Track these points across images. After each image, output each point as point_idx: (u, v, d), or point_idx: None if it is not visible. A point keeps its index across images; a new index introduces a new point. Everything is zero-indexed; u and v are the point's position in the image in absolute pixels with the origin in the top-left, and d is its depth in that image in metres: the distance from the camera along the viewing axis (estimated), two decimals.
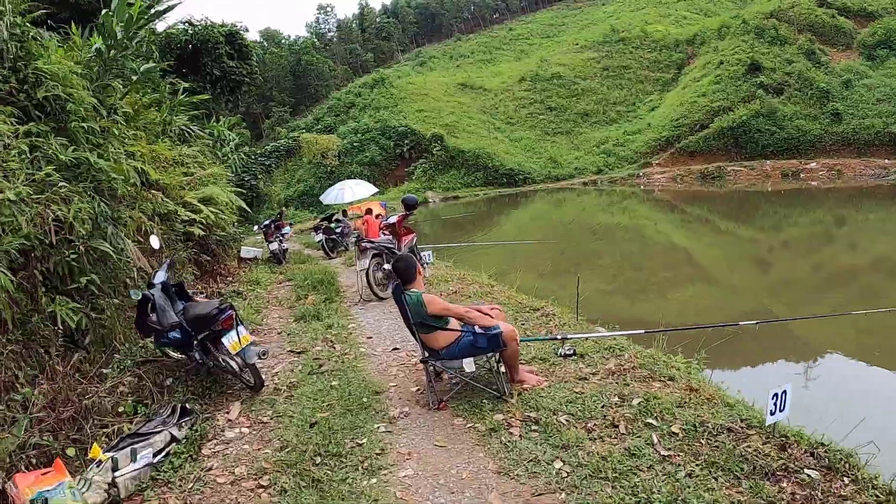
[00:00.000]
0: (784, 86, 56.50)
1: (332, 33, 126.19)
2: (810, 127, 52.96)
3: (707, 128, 57.79)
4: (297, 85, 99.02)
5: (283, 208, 45.95)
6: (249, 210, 17.22)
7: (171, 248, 12.13)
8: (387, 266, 11.76)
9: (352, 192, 22.21)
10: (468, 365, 6.25)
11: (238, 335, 6.79)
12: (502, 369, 6.52)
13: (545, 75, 77.54)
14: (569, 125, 71.03)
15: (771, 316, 13.86)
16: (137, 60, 13.78)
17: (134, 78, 12.00)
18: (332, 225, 21.71)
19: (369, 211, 16.91)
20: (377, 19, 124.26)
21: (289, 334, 9.58)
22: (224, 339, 6.77)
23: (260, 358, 7.05)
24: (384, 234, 13.31)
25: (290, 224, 38.95)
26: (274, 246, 19.01)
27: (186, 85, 17.66)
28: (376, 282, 11.90)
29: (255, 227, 21.28)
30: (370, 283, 11.70)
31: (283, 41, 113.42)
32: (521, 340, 6.64)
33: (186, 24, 25.83)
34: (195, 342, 7.06)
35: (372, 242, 12.16)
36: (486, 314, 6.42)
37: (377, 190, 25.06)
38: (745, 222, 33.54)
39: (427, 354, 6.39)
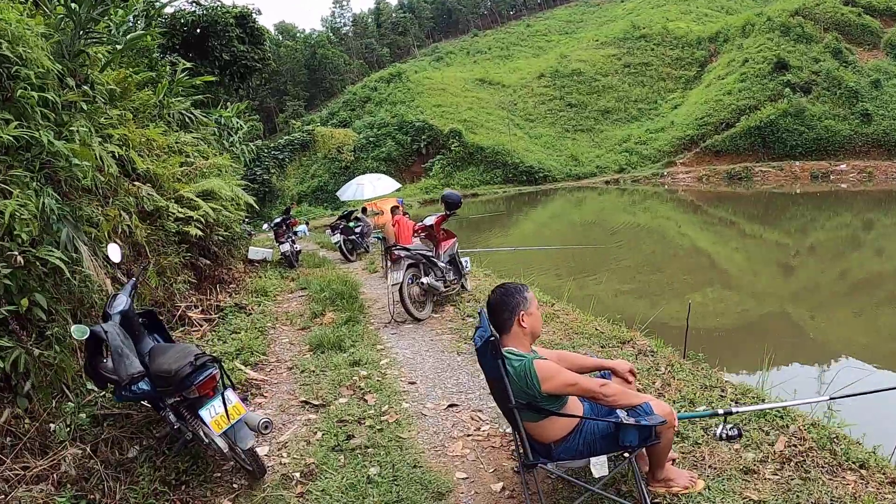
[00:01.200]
0: (812, 85, 54.53)
1: (347, 27, 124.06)
2: (839, 127, 50.85)
3: (733, 127, 55.84)
4: (312, 79, 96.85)
5: (292, 203, 43.68)
6: (257, 206, 14.89)
7: (159, 251, 9.87)
8: (426, 279, 9.54)
9: (372, 187, 19.88)
10: (600, 468, 3.77)
11: (224, 405, 4.39)
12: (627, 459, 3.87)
13: (565, 71, 75.66)
14: (589, 122, 69.31)
15: (789, 321, 13.73)
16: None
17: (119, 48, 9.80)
18: (351, 224, 19.28)
19: (395, 209, 14.66)
20: (393, 14, 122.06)
21: (302, 371, 7.21)
22: (203, 412, 4.36)
23: (261, 433, 4.53)
24: (417, 237, 11.06)
25: (307, 223, 36.72)
26: (285, 247, 16.68)
27: (189, 65, 15.42)
28: (412, 298, 9.62)
29: (265, 226, 18.94)
30: (405, 300, 9.35)
31: (297, 34, 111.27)
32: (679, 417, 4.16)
33: (193, 4, 23.52)
34: (164, 405, 4.76)
35: (407, 249, 9.84)
36: (623, 376, 4.11)
37: (400, 185, 22.66)
38: (771, 225, 32.14)
39: (532, 453, 3.76)
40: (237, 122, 18.11)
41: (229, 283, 12.88)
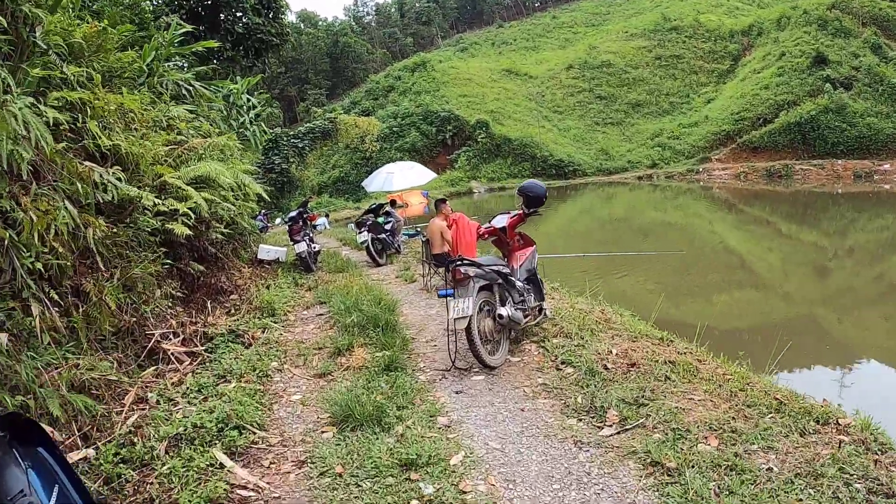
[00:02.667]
0: (852, 80, 51.59)
1: (370, 17, 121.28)
2: (883, 126, 47.89)
3: (771, 122, 52.77)
4: (334, 67, 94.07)
5: (310, 196, 40.84)
6: (267, 197, 12.10)
7: (127, 258, 7.12)
8: (505, 311, 6.54)
9: (402, 177, 17.01)
10: None
11: None
12: None
13: (594, 63, 72.52)
14: (619, 115, 66.35)
15: (814, 323, 13.57)
16: None
17: None
18: (381, 219, 16.37)
19: (442, 201, 11.77)
20: (417, 3, 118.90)
21: (321, 473, 4.35)
22: None
23: None
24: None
25: (327, 215, 33.88)
26: (301, 247, 13.87)
27: (188, 27, 12.60)
28: (484, 337, 6.49)
29: (278, 221, 16.08)
30: (476, 344, 6.26)
31: (319, 23, 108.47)
32: None
33: None
34: None
35: (477, 265, 6.66)
36: None
37: (436, 175, 19.71)
38: (808, 226, 30.64)
39: None
40: (248, 100, 15.31)
41: (229, 293, 10.08)
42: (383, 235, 15.76)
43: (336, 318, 8.46)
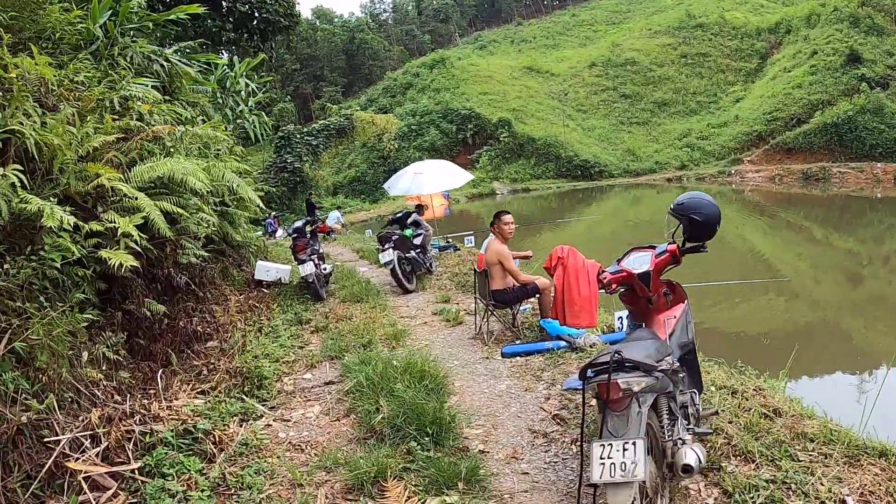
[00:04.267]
0: (889, 80, 49.28)
1: (386, 14, 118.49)
2: None
3: (806, 123, 50.13)
4: (350, 65, 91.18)
5: (311, 193, 37.67)
6: (260, 204, 8.97)
7: (23, 311, 4.31)
8: (692, 455, 3.36)
9: (433, 178, 14.06)
10: None
11: None
12: None
13: (618, 61, 69.87)
14: (645, 115, 63.61)
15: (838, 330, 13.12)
16: None
17: None
18: (408, 231, 13.02)
19: (502, 214, 8.27)
20: (434, 1, 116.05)
21: None
22: None
23: None
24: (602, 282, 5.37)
25: (340, 210, 30.93)
26: (307, 269, 10.63)
27: None
28: (644, 495, 3.23)
29: (280, 233, 12.93)
30: None
31: (335, 19, 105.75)
32: None
33: None
34: None
35: (645, 369, 3.31)
36: None
37: (471, 176, 16.70)
38: (843, 231, 28.50)
39: None
40: (247, 84, 12.42)
41: (206, 338, 7.25)
42: (413, 254, 12.37)
43: (355, 403, 5.48)
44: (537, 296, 7.52)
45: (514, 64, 75.85)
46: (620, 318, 7.25)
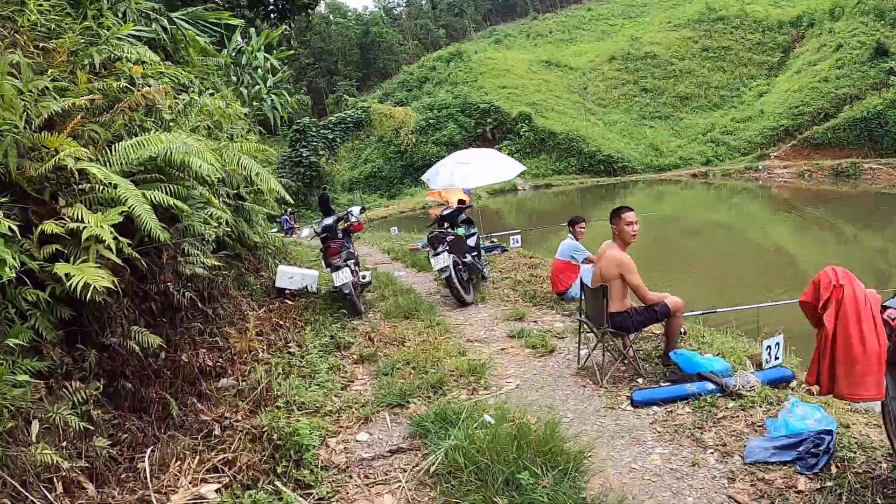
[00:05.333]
0: None
1: (401, 7, 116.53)
2: None
3: (834, 117, 48.51)
4: (365, 59, 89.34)
5: (325, 186, 35.82)
6: (288, 198, 7.02)
7: None
8: None
9: (478, 170, 12.10)
10: None
11: None
12: None
13: (637, 54, 67.82)
14: (667, 109, 61.70)
15: None
16: None
17: None
18: (461, 230, 10.91)
19: (625, 208, 6.26)
20: None
21: None
22: None
23: None
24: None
25: (363, 208, 28.74)
26: (343, 278, 8.76)
27: None
28: None
29: (305, 232, 10.80)
30: None
31: (349, 13, 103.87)
32: None
33: None
34: None
35: None
36: None
37: (523, 167, 14.75)
38: (874, 230, 27.73)
39: None
40: (266, 59, 10.58)
41: (217, 376, 5.46)
42: (470, 258, 10.22)
43: (450, 496, 3.58)
44: (664, 321, 5.73)
45: (532, 57, 73.97)
46: (769, 347, 5.43)
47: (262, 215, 9.27)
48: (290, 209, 28.60)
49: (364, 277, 9.76)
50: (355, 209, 10.52)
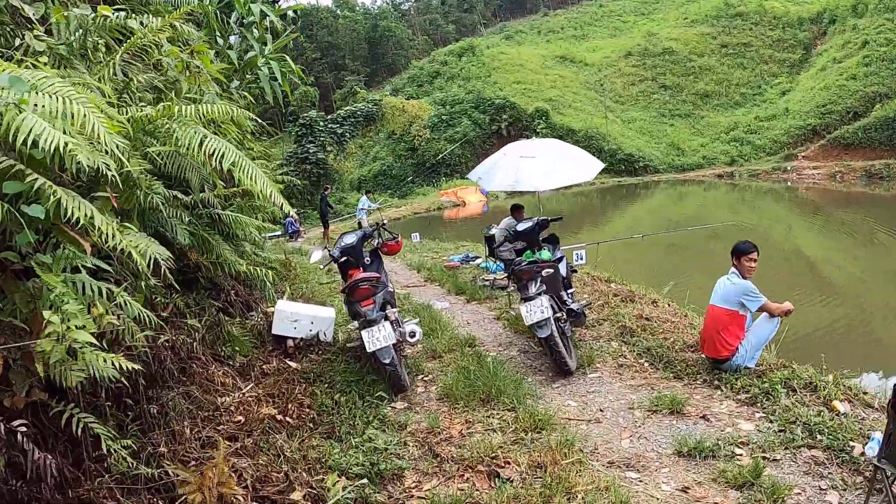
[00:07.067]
0: None
1: (409, 3, 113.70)
2: None
3: (863, 117, 46.65)
4: (373, 54, 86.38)
5: (327, 185, 32.99)
6: (286, 204, 4.04)
7: None
8: None
9: (551, 168, 9.02)
10: None
11: None
12: None
13: (655, 50, 65.50)
14: (688, 107, 59.40)
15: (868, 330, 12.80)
16: None
17: None
18: (545, 254, 7.14)
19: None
20: None
21: None
22: None
23: None
24: None
25: (370, 195, 25.85)
26: (380, 338, 5.51)
27: None
28: None
29: (318, 254, 7.37)
30: None
31: (357, 7, 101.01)
32: None
33: None
34: None
35: None
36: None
37: (603, 164, 11.61)
38: None
39: None
40: (264, 15, 7.64)
41: None
42: (568, 299, 7.13)
43: None
44: None
45: (546, 53, 71.65)
46: None
47: (253, 228, 6.41)
48: (295, 210, 25.70)
49: (413, 335, 6.29)
50: (364, 201, 7.56)
